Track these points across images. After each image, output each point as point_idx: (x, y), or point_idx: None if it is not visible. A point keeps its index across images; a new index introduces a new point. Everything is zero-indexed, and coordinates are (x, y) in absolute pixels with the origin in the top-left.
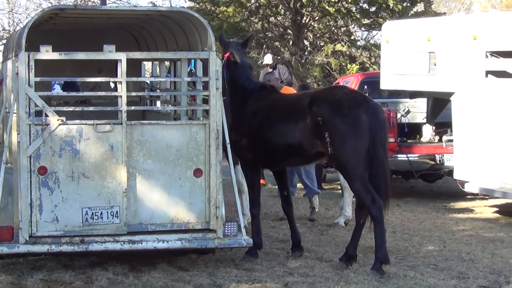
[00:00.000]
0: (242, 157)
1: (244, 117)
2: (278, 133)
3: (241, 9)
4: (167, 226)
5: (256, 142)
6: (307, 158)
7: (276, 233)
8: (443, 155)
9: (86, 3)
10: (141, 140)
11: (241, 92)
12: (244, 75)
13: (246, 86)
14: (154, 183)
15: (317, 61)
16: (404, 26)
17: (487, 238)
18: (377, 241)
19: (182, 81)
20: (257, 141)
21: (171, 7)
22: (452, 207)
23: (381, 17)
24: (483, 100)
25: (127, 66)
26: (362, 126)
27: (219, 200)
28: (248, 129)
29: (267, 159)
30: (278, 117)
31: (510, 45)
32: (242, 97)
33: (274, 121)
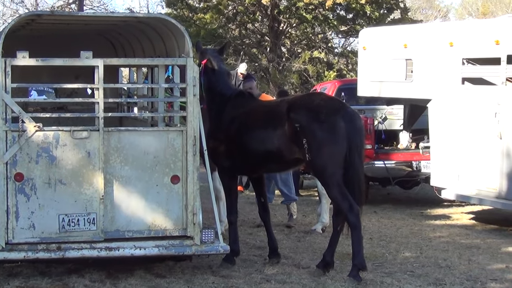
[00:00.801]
0: (220, 163)
1: (222, 124)
2: (256, 139)
3: (218, 16)
4: (144, 233)
5: (233, 149)
6: (285, 165)
7: (253, 239)
8: (420, 162)
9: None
10: (118, 146)
11: (219, 99)
12: (221, 82)
13: (224, 93)
14: (131, 189)
15: (294, 68)
16: (381, 33)
17: (464, 244)
18: (354, 248)
19: (159, 88)
20: (234, 148)
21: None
22: (429, 214)
23: (358, 24)
24: (460, 107)
25: (104, 72)
26: (340, 132)
27: (196, 206)
28: (225, 136)
29: (245, 165)
30: (256, 124)
31: (486, 52)
32: (219, 104)
33: (252, 128)
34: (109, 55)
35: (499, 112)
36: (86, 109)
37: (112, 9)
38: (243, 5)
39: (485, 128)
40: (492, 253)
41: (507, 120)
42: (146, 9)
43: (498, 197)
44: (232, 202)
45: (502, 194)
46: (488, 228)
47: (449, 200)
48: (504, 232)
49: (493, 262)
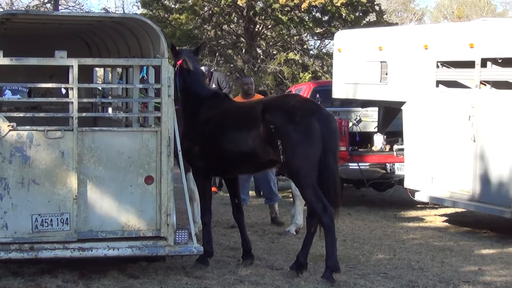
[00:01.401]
0: (194, 164)
1: (197, 125)
2: (231, 140)
3: (194, 17)
4: (118, 233)
5: (208, 150)
6: (259, 166)
7: (227, 240)
8: (394, 164)
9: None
10: (92, 146)
11: (194, 99)
12: (196, 82)
13: (199, 94)
14: (105, 190)
15: (269, 69)
16: (356, 35)
17: (437, 247)
18: (327, 250)
19: (134, 88)
20: (209, 149)
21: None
22: (403, 216)
23: (334, 26)
24: (434, 110)
25: (78, 72)
26: (315, 134)
27: (170, 207)
28: (200, 137)
29: (219, 166)
30: (230, 125)
31: (461, 55)
32: (194, 105)
33: (227, 129)
34: (84, 55)
35: (473, 115)
36: (61, 109)
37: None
38: (218, 6)
39: (459, 130)
40: (465, 255)
41: (481, 123)
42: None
43: (471, 199)
44: (206, 203)
45: (475, 197)
46: (461, 231)
47: (422, 202)
48: (477, 234)
49: (466, 264)
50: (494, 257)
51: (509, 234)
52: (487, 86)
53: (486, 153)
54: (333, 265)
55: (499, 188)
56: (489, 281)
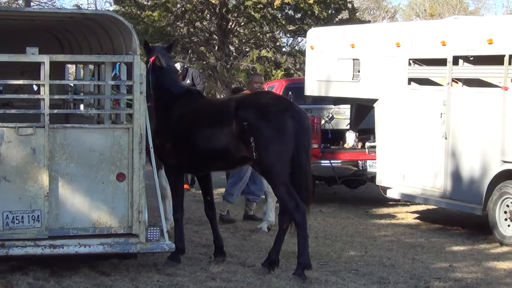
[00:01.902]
0: (166, 162)
1: (169, 122)
2: (204, 137)
3: (166, 14)
4: (89, 230)
5: (181, 147)
6: (232, 163)
7: (198, 238)
8: (366, 161)
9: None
10: (64, 143)
11: (167, 96)
12: (169, 79)
13: (172, 91)
14: (76, 187)
15: (242, 67)
16: (329, 33)
17: (408, 243)
18: (299, 247)
19: (106, 85)
20: (182, 146)
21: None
22: (374, 213)
23: (306, 23)
24: (406, 107)
25: (50, 68)
26: (287, 132)
27: (142, 204)
28: (173, 134)
29: (192, 163)
30: (203, 122)
31: (433, 53)
32: (167, 102)
33: (200, 126)
34: (56, 52)
35: (445, 112)
36: (32, 105)
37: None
38: (191, 3)
39: (431, 128)
40: (436, 252)
41: (452, 121)
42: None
43: (442, 196)
44: (178, 200)
45: (446, 194)
46: (433, 228)
47: (394, 200)
48: (448, 231)
49: (437, 261)
50: (465, 253)
51: (480, 231)
52: (458, 83)
53: (457, 150)
54: (305, 262)
55: (470, 185)
56: (460, 277)
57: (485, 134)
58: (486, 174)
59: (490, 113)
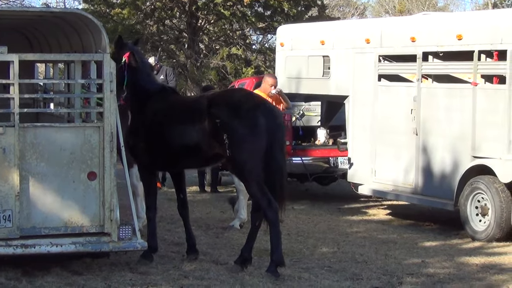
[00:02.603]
0: (141, 159)
1: (144, 119)
2: (177, 135)
3: (136, 12)
4: (61, 229)
5: (155, 145)
6: (205, 160)
7: (171, 236)
8: (337, 158)
9: None
10: (34, 142)
11: (142, 94)
12: (145, 76)
13: (147, 88)
14: (47, 186)
15: (212, 64)
16: (299, 30)
17: (380, 239)
18: (272, 244)
19: (76, 83)
20: (156, 144)
21: (64, 8)
22: (346, 210)
23: (276, 21)
24: (376, 104)
25: (19, 67)
26: (260, 129)
27: (114, 203)
28: (147, 131)
29: (166, 161)
30: (176, 119)
31: (402, 49)
32: (142, 99)
33: (173, 123)
34: (25, 50)
35: (415, 108)
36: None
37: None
38: (161, 1)
39: (401, 124)
40: (408, 248)
41: (423, 117)
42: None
43: (414, 192)
44: (151, 199)
45: (418, 190)
46: (405, 224)
47: (366, 196)
48: (420, 227)
49: (409, 257)
50: (437, 249)
51: (451, 226)
52: (428, 79)
53: (428, 146)
54: (278, 259)
55: (442, 181)
56: (432, 273)
57: (455, 130)
58: (457, 169)
59: (460, 108)
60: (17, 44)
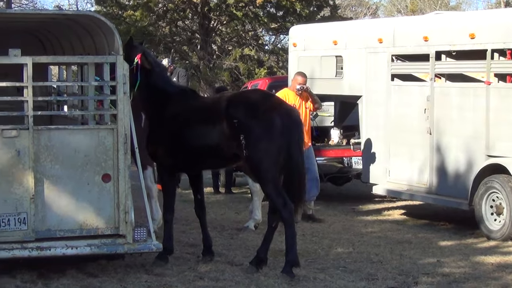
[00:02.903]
0: (161, 161)
1: (163, 121)
2: (197, 135)
3: (148, 13)
4: (76, 232)
5: (176, 146)
6: (224, 161)
7: (186, 237)
8: (351, 158)
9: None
10: (49, 145)
11: (160, 95)
12: (163, 78)
13: (167, 90)
14: (62, 188)
15: (225, 66)
16: (311, 30)
17: (395, 239)
18: (287, 244)
19: (89, 85)
20: (176, 145)
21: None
22: (361, 210)
23: (289, 21)
24: (390, 103)
25: (33, 70)
26: (276, 129)
27: (128, 205)
28: (168, 133)
29: (186, 162)
30: (197, 120)
31: (415, 48)
32: (160, 101)
33: (194, 124)
34: (38, 53)
35: (428, 108)
36: (16, 107)
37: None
38: (173, 2)
39: (415, 124)
40: (423, 248)
41: (436, 116)
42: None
43: (428, 192)
44: (169, 200)
45: (432, 189)
46: (419, 223)
47: (380, 196)
48: (435, 226)
49: (425, 256)
50: (452, 248)
51: (466, 225)
52: (442, 79)
53: (442, 145)
54: (293, 260)
55: (456, 180)
56: (448, 272)
57: (469, 129)
58: (472, 168)
59: (473, 107)
60: (30, 47)
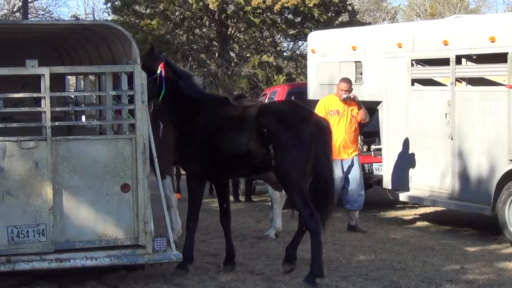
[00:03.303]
0: (191, 169)
1: (195, 129)
2: (229, 144)
3: (165, 22)
4: (95, 243)
5: (207, 154)
6: (254, 169)
7: (206, 247)
8: (372, 164)
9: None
10: (67, 156)
11: (189, 104)
12: (192, 86)
13: (197, 98)
14: (80, 199)
15: (243, 73)
16: (330, 36)
17: (418, 246)
18: (313, 254)
19: (107, 95)
20: (208, 153)
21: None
22: (382, 217)
23: (307, 27)
24: (410, 109)
25: (50, 80)
26: (305, 139)
27: (148, 215)
28: (200, 141)
29: (216, 170)
30: (229, 128)
31: (435, 52)
32: (192, 109)
33: (224, 132)
34: (55, 63)
35: (449, 112)
36: (33, 118)
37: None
38: (190, 10)
39: (436, 129)
40: (446, 255)
41: (458, 120)
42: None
43: (451, 198)
44: (194, 209)
45: (454, 195)
46: (442, 230)
47: (402, 202)
48: (458, 233)
49: (448, 263)
50: (476, 255)
51: (490, 231)
52: (462, 83)
53: (464, 150)
54: (318, 270)
55: (478, 186)
56: (471, 279)
57: (491, 133)
58: (494, 173)
59: (495, 111)
60: (48, 57)
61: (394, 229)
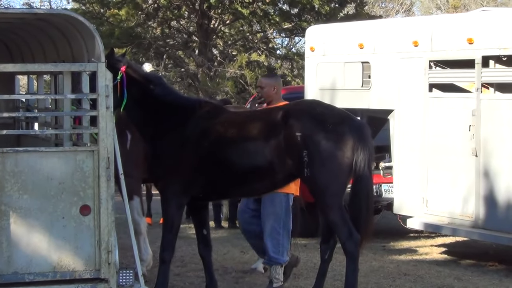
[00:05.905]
0: (169, 189)
1: (184, 142)
2: (241, 153)
3: (136, 12)
4: (49, 275)
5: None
6: (273, 183)
7: (181, 282)
8: (381, 185)
9: None
10: (16, 171)
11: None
12: (166, 90)
13: (180, 102)
14: (32, 223)
15: (228, 74)
16: (332, 31)
17: (434, 284)
18: (347, 281)
19: (65, 99)
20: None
21: (50, 9)
22: (392, 248)
23: (305, 20)
24: (427, 119)
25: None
26: (347, 146)
27: (112, 243)
28: (191, 154)
29: (218, 187)
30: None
31: (458, 53)
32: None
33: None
34: (4, 60)
35: (474, 124)
36: None
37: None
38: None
39: (458, 143)
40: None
41: (484, 134)
42: (47, 4)
43: (474, 226)
44: (171, 237)
45: (479, 223)
46: (463, 264)
47: (416, 231)
48: (482, 268)
49: None
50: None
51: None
52: (490, 89)
53: (490, 170)
54: None
55: (507, 212)
56: None
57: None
58: None
59: None
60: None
61: (406, 262)
